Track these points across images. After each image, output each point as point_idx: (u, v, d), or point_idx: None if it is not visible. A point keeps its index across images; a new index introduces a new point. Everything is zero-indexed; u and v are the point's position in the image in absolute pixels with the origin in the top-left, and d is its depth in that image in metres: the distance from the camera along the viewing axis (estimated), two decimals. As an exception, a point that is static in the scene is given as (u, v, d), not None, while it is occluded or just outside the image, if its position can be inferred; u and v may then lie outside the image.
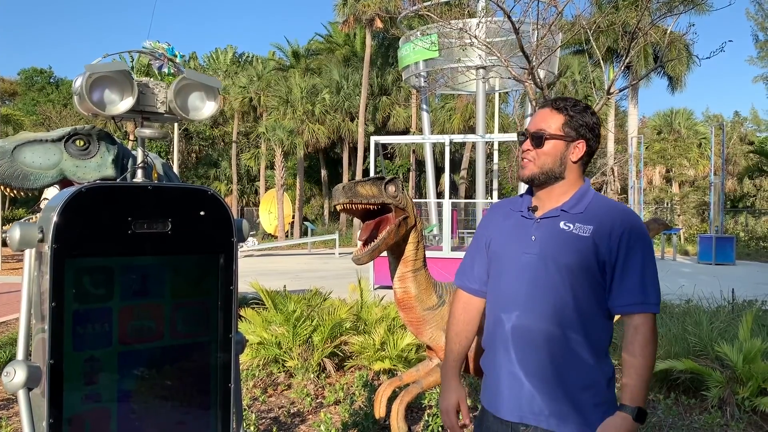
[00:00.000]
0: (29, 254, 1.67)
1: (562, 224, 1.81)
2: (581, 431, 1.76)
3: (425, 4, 11.57)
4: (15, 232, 1.63)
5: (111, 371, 1.72)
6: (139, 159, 1.89)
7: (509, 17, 7.68)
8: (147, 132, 1.87)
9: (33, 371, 1.61)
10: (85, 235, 1.66)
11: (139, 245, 1.74)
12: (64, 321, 1.62)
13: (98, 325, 1.69)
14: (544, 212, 1.86)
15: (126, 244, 1.72)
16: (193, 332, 1.87)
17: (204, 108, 1.94)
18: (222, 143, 41.82)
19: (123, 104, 1.81)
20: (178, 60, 1.91)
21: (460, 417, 2.01)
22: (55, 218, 1.61)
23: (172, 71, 1.91)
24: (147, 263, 1.78)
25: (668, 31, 9.25)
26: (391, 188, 2.68)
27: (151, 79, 1.86)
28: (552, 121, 1.86)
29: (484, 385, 1.96)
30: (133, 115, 1.86)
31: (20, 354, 1.65)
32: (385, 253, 2.83)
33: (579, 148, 1.86)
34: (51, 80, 48.52)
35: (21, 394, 1.61)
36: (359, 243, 2.70)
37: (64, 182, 3.93)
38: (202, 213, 1.83)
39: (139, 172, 1.89)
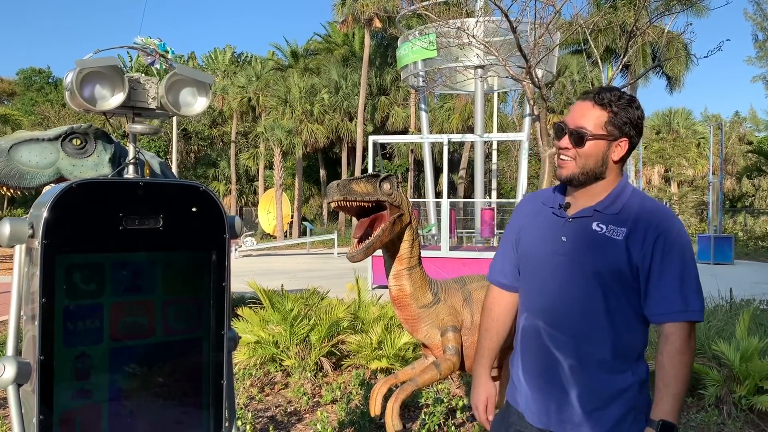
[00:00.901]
0: (19, 250, 1.66)
1: (594, 225, 1.71)
2: None
3: (423, 3, 11.58)
4: (5, 228, 1.62)
5: (102, 367, 1.71)
6: (131, 155, 1.88)
7: (507, 16, 7.68)
8: (138, 128, 1.86)
9: (22, 367, 1.61)
10: (76, 230, 1.65)
11: (131, 241, 1.73)
12: (55, 317, 1.61)
13: (89, 322, 1.69)
14: (577, 211, 1.77)
15: (117, 240, 1.71)
16: (185, 329, 1.86)
17: (195, 104, 1.93)
18: (221, 143, 41.83)
19: (114, 100, 1.80)
20: (169, 56, 1.91)
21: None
22: (45, 214, 1.60)
23: (164, 67, 1.90)
24: (138, 259, 1.77)
25: (666, 31, 9.26)
26: (386, 186, 2.67)
27: (143, 75, 1.86)
28: (594, 118, 1.71)
29: (511, 382, 1.93)
30: (124, 111, 1.85)
31: (10, 350, 1.64)
32: (380, 252, 2.82)
33: (621, 147, 1.74)
34: (49, 80, 48.50)
35: (10, 390, 1.61)
36: (354, 240, 2.69)
37: (60, 181, 3.93)
38: (194, 209, 1.82)
39: (131, 168, 1.88)
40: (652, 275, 1.66)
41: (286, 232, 33.03)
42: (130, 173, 1.89)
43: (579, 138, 1.71)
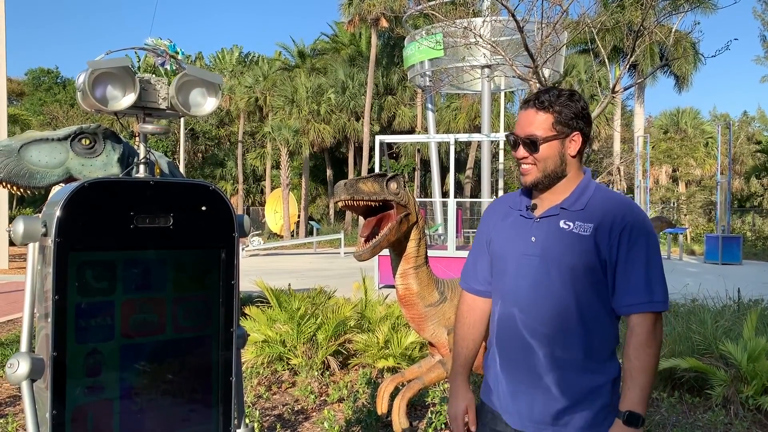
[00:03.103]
0: (33, 248, 1.69)
1: (562, 223, 1.74)
2: None
3: (430, 3, 11.58)
4: (19, 226, 1.65)
5: (113, 364, 1.74)
6: (141, 155, 1.91)
7: (513, 16, 7.68)
8: (149, 128, 1.89)
9: (36, 363, 1.63)
10: (88, 229, 1.68)
11: (142, 240, 1.76)
12: (67, 314, 1.64)
13: (101, 319, 1.72)
14: (544, 211, 1.79)
15: (128, 239, 1.74)
16: (195, 326, 1.88)
17: (205, 104, 1.96)
18: (228, 143, 41.97)
19: (125, 100, 1.83)
20: (179, 57, 1.93)
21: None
22: (58, 212, 1.63)
23: (174, 68, 1.93)
24: (149, 257, 1.79)
25: (673, 30, 9.23)
26: (393, 185, 2.68)
27: (153, 76, 1.88)
28: (541, 122, 1.76)
29: (485, 382, 1.93)
30: (135, 111, 1.88)
31: (23, 346, 1.67)
32: (387, 251, 2.84)
33: (575, 141, 1.78)
34: (58, 80, 48.77)
35: (24, 386, 1.64)
36: (361, 240, 2.71)
37: (70, 180, 3.96)
38: (203, 208, 1.85)
39: (141, 168, 1.91)
40: (619, 267, 1.70)
41: (293, 231, 33.10)
42: (141, 173, 1.92)
43: (532, 145, 1.76)
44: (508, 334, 1.81)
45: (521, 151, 1.79)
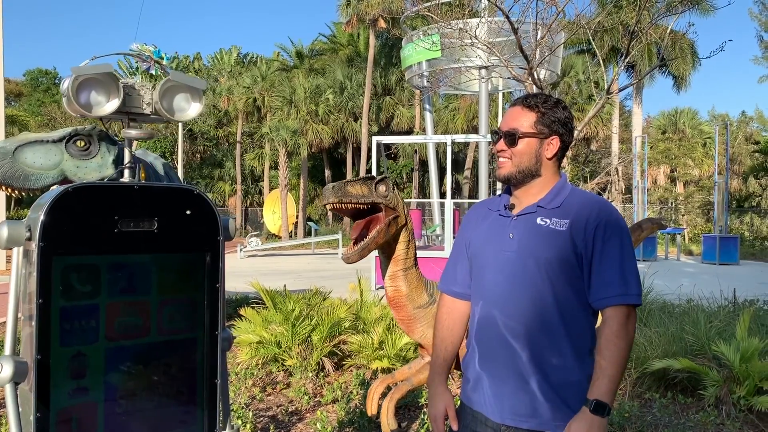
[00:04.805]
0: (17, 252, 1.70)
1: (538, 220, 1.80)
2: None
3: (426, 4, 11.58)
4: (2, 231, 1.66)
5: (98, 367, 1.75)
6: (126, 159, 1.92)
7: (507, 17, 7.69)
8: (133, 132, 1.91)
9: (20, 366, 1.65)
10: (72, 233, 1.69)
11: (126, 243, 1.77)
12: (51, 317, 1.65)
13: (85, 322, 1.73)
14: (521, 209, 1.86)
15: (112, 243, 1.75)
16: (180, 329, 1.89)
17: (189, 109, 1.98)
18: (226, 143, 41.96)
19: (109, 106, 1.84)
20: (164, 62, 1.95)
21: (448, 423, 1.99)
22: (42, 217, 1.65)
23: (159, 72, 1.94)
24: (134, 261, 1.81)
25: (668, 30, 9.25)
26: (381, 188, 2.69)
27: (137, 81, 1.90)
28: (524, 119, 1.85)
29: (464, 380, 1.96)
30: (119, 116, 1.90)
31: (7, 349, 1.68)
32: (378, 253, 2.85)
33: (553, 144, 1.85)
34: (56, 81, 48.76)
35: (8, 389, 1.65)
36: (351, 242, 2.72)
37: (65, 182, 3.97)
38: (188, 212, 1.86)
39: (126, 172, 1.92)
40: (594, 262, 1.76)
41: (291, 232, 33.10)
42: (126, 177, 1.93)
43: (512, 138, 1.85)
44: (487, 332, 1.84)
45: (500, 144, 1.88)
